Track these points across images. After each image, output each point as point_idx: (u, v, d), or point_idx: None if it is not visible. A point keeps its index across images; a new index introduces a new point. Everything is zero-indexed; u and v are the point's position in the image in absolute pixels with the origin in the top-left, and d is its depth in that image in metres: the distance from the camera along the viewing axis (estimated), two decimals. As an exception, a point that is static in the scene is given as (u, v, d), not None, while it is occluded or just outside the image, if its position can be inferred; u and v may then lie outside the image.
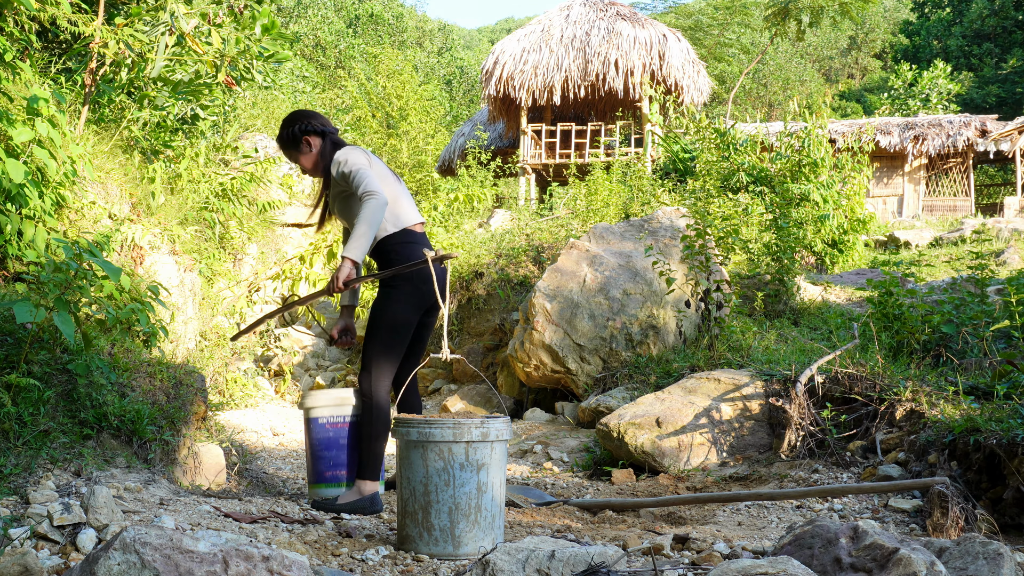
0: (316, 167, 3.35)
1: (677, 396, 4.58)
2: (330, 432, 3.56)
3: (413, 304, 3.20)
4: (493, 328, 7.63)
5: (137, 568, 1.65)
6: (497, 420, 2.65)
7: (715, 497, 3.35)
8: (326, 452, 3.57)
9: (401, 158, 14.05)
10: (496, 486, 2.63)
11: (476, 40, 46.91)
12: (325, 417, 3.54)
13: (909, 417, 3.83)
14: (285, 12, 26.45)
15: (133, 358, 3.58)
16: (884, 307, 4.98)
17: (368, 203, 3.04)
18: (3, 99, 3.81)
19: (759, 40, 27.90)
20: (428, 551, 2.57)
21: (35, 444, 2.82)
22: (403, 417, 2.68)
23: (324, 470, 3.59)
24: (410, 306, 3.19)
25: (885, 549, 1.92)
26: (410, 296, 3.18)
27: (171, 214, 5.29)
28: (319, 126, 3.32)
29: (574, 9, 16.42)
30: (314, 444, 3.61)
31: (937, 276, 9.50)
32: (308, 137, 3.30)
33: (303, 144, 3.30)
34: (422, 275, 3.16)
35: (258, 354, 8.23)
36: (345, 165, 3.16)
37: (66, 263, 2.95)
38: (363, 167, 3.15)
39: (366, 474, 3.18)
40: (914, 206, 17.78)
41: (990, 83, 26.31)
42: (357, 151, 3.23)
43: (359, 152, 3.23)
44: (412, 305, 3.20)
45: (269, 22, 4.62)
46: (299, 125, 3.30)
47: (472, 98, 29.84)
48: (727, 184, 10.04)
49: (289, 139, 3.32)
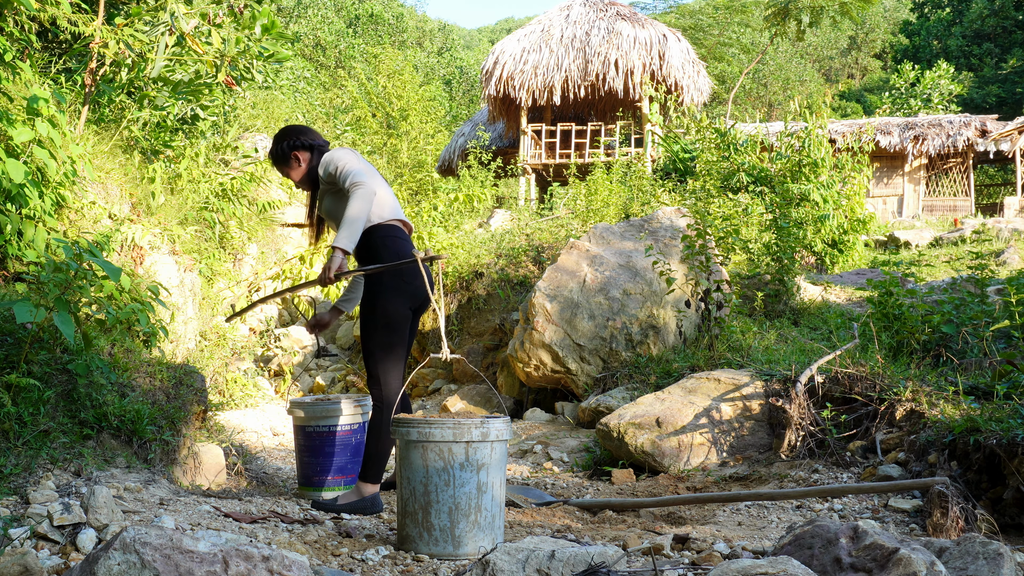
0: (305, 180, 3.40)
1: (677, 396, 4.58)
2: (315, 440, 3.62)
3: (404, 299, 3.20)
4: (493, 328, 7.62)
5: (137, 568, 1.65)
6: (497, 420, 2.65)
7: (715, 497, 3.35)
8: (310, 458, 3.65)
9: (401, 158, 14.05)
10: (496, 486, 2.63)
11: (476, 40, 46.90)
12: (311, 426, 3.63)
13: (909, 417, 3.83)
14: (285, 12, 26.45)
15: (133, 358, 3.58)
16: (884, 307, 4.98)
17: (355, 192, 3.06)
18: (3, 99, 3.81)
19: (759, 40, 27.89)
20: (428, 551, 2.57)
21: (35, 444, 2.82)
22: (403, 417, 2.68)
23: (311, 475, 3.66)
24: (401, 301, 3.20)
25: (885, 549, 1.92)
26: (400, 291, 3.18)
27: (171, 214, 5.29)
28: (308, 141, 3.35)
29: (574, 9, 16.42)
30: (299, 449, 3.72)
31: (937, 276, 9.50)
32: (297, 152, 3.35)
33: (292, 160, 3.35)
34: (412, 270, 3.17)
35: (258, 354, 8.22)
36: (332, 164, 3.20)
37: (66, 263, 2.95)
38: (350, 162, 3.18)
39: (368, 476, 3.18)
40: (914, 206, 17.78)
41: (990, 83, 26.31)
42: (344, 150, 3.26)
43: (346, 150, 3.26)
44: (403, 300, 3.20)
45: (269, 22, 4.63)
46: (288, 142, 3.34)
47: (472, 98, 29.84)
48: (727, 184, 10.04)
49: (279, 155, 3.38)
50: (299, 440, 3.70)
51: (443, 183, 14.55)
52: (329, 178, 3.23)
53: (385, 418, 3.16)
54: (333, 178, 3.20)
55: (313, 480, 3.66)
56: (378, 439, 3.18)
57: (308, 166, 3.36)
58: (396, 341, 3.21)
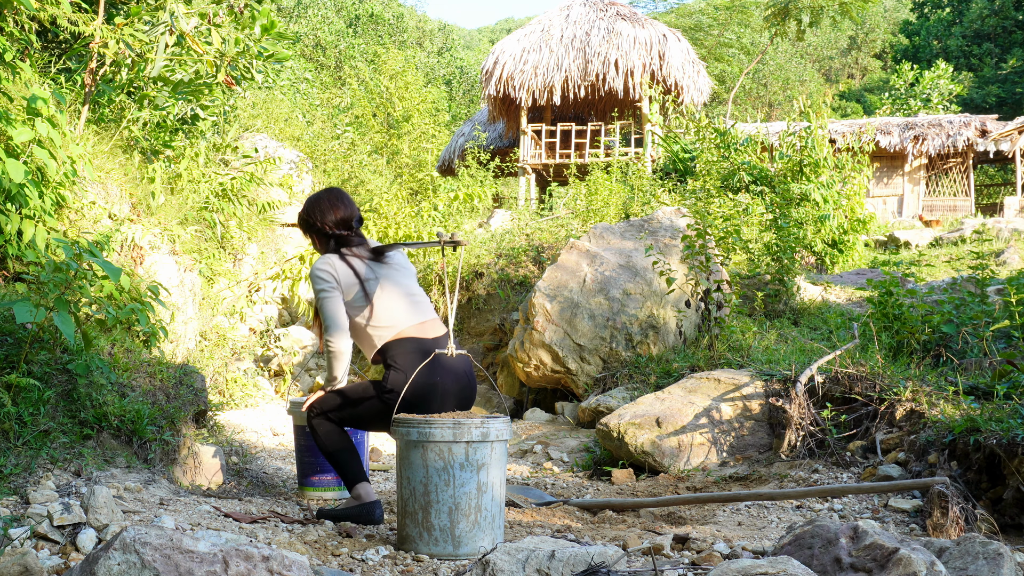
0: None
1: (677, 396, 4.58)
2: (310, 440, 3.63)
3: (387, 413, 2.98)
4: (493, 328, 7.62)
5: (137, 568, 1.65)
6: (497, 420, 2.65)
7: (715, 497, 3.35)
8: (310, 458, 3.66)
9: (402, 158, 14.05)
10: (496, 486, 2.63)
11: (476, 40, 46.91)
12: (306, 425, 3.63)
13: (909, 417, 3.83)
14: (285, 12, 26.46)
15: (133, 358, 3.58)
16: (884, 307, 4.98)
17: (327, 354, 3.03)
18: (3, 99, 3.81)
19: (759, 40, 27.89)
20: (428, 551, 2.57)
21: (35, 444, 2.82)
22: (403, 417, 2.67)
23: (309, 473, 3.67)
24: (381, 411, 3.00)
25: (885, 549, 1.92)
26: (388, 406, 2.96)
27: (171, 214, 5.29)
28: (327, 229, 3.17)
29: (574, 9, 16.42)
30: (299, 449, 3.72)
31: (937, 276, 9.50)
32: (312, 235, 3.24)
33: (311, 235, 3.26)
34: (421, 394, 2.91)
35: (258, 354, 8.22)
36: (313, 286, 3.08)
37: (66, 263, 2.95)
38: (322, 304, 3.04)
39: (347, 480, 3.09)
40: (914, 206, 17.78)
41: (990, 83, 26.31)
42: (325, 273, 3.06)
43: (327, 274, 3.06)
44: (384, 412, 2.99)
45: (269, 22, 4.63)
46: (311, 220, 3.20)
47: (472, 98, 29.85)
48: (727, 184, 10.04)
49: (301, 225, 3.30)
50: (299, 440, 3.71)
51: (443, 183, 14.55)
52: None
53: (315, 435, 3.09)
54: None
55: (312, 480, 3.66)
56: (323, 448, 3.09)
57: (321, 248, 3.27)
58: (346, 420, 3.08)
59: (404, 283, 3.15)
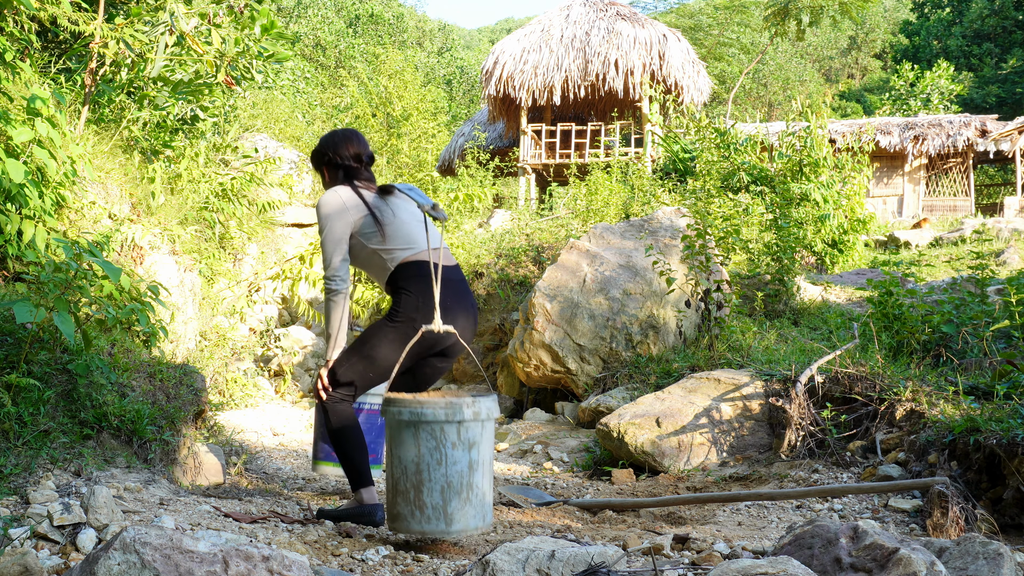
0: None
1: (677, 396, 4.58)
2: None
3: (402, 344, 2.93)
4: (493, 328, 7.62)
5: (137, 568, 1.65)
6: (487, 398, 2.67)
7: (715, 497, 3.35)
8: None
9: (402, 158, 14.06)
10: (486, 464, 2.65)
11: (476, 40, 46.92)
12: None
13: (909, 417, 3.83)
14: (285, 12, 26.46)
15: (133, 358, 3.58)
16: (884, 307, 4.98)
17: (327, 301, 3.02)
18: (3, 99, 3.81)
19: (759, 40, 27.89)
20: (420, 529, 2.58)
21: (35, 444, 2.82)
22: (394, 396, 2.67)
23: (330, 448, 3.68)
24: (397, 347, 2.95)
25: (885, 549, 1.92)
26: (405, 335, 2.93)
27: (171, 214, 5.29)
28: (338, 160, 3.21)
29: (574, 9, 16.42)
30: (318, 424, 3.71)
31: (937, 276, 9.50)
32: (323, 168, 3.28)
33: (322, 170, 3.29)
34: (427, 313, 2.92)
35: (258, 354, 8.23)
36: (318, 220, 3.08)
37: (66, 263, 2.95)
38: (328, 239, 3.02)
39: (354, 482, 3.06)
40: (914, 206, 17.78)
41: (990, 83, 26.31)
42: (332, 201, 3.07)
43: (334, 203, 3.06)
44: (400, 346, 2.94)
45: (268, 22, 4.63)
46: (323, 152, 3.23)
47: (472, 98, 29.86)
48: (727, 184, 10.04)
49: (313, 160, 3.34)
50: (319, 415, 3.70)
51: (443, 183, 14.56)
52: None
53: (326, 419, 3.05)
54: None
55: (331, 453, 3.66)
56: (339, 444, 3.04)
57: (330, 181, 3.28)
58: (369, 378, 3.02)
59: (414, 211, 3.17)
